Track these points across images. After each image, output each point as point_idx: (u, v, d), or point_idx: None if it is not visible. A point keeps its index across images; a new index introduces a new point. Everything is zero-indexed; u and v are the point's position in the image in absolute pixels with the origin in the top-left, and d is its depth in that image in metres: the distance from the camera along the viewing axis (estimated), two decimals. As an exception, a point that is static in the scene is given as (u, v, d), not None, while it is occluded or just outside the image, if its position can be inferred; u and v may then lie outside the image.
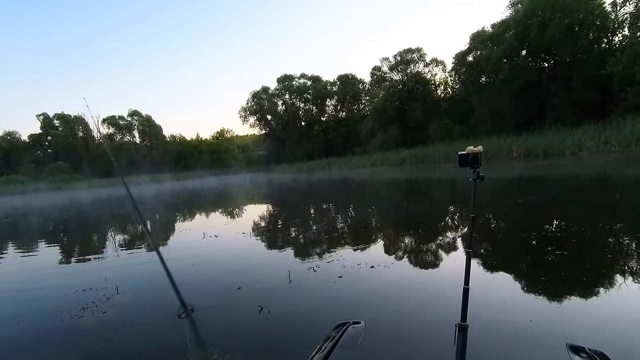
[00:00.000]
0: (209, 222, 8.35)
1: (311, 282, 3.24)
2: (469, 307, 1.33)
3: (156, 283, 3.65)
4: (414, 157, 30.10)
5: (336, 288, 3.04)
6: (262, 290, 3.13)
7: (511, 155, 22.85)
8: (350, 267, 3.52)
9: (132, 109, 62.26)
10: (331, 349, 1.22)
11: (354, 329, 1.37)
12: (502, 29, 29.85)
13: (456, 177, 15.16)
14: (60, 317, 2.92)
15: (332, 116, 54.57)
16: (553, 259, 3.39)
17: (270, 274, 3.62)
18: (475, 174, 1.37)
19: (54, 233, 9.18)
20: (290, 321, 2.53)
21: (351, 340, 1.29)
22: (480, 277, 3.12)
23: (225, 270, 4.03)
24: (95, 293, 3.46)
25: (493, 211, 6.39)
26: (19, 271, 5.03)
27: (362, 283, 3.15)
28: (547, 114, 27.59)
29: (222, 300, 3.08)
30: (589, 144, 19.24)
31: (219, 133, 74.00)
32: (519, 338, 2.09)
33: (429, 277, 3.31)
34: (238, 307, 2.85)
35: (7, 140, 57.88)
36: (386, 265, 3.55)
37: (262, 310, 2.69)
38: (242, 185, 24.24)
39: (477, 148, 1.38)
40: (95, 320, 2.79)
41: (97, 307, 3.08)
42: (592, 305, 2.46)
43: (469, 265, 1.34)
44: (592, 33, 26.23)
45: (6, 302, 3.68)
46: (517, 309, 2.45)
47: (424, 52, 40.72)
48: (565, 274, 3.08)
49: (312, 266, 3.67)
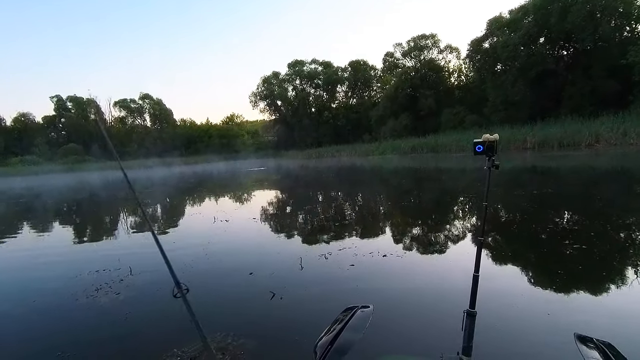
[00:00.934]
0: (219, 206, 8.39)
1: (323, 270, 3.22)
2: (479, 294, 1.35)
3: (173, 262, 3.68)
4: (425, 146, 29.75)
5: (349, 276, 3.01)
6: (274, 277, 3.13)
7: (525, 145, 22.40)
8: (363, 256, 3.50)
9: (144, 93, 62.51)
10: (340, 330, 1.24)
11: (363, 313, 1.38)
12: (520, 14, 28.92)
13: (466, 167, 14.96)
14: (75, 297, 2.96)
15: (342, 102, 54.06)
16: (564, 251, 3.32)
17: (281, 261, 3.61)
18: (490, 162, 1.35)
19: (68, 213, 9.35)
20: (302, 308, 2.53)
21: (360, 323, 1.31)
22: (490, 265, 3.08)
23: (237, 255, 4.04)
24: (109, 274, 3.50)
25: (506, 201, 6.28)
26: (34, 250, 5.13)
27: (375, 272, 3.13)
28: (563, 103, 26.88)
29: (234, 284, 3.09)
30: (607, 136, 18.73)
31: (228, 118, 73.94)
32: (526, 326, 2.09)
33: (441, 265, 3.28)
34: (250, 292, 2.86)
35: (21, 122, 58.69)
36: (399, 254, 3.51)
37: (274, 296, 2.69)
38: (252, 171, 24.31)
39: (493, 136, 1.36)
40: (109, 302, 2.82)
41: (110, 288, 3.11)
42: (603, 297, 2.44)
43: (480, 253, 1.35)
44: (615, 20, 25.21)
45: (22, 280, 3.75)
46: (526, 298, 2.44)
47: (438, 39, 39.76)
48: (575, 265, 3.04)
49: (324, 253, 3.65)
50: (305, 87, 54.05)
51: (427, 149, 29.37)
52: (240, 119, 75.42)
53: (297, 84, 54.42)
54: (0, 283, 3.78)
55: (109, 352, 2.14)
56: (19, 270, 4.17)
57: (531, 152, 20.90)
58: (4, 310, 2.88)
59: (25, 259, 4.69)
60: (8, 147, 52.57)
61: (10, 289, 3.54)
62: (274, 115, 59.65)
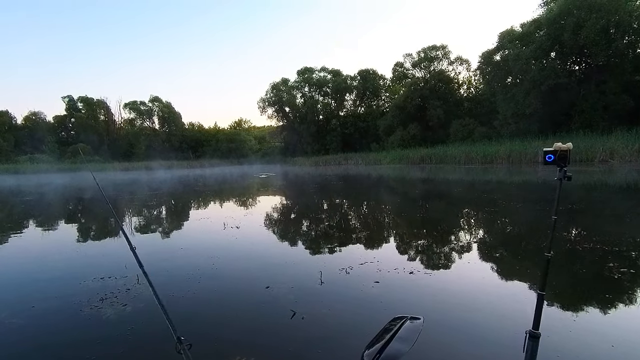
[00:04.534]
0: (228, 211, 8.19)
1: (346, 286, 2.98)
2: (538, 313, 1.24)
3: (177, 275, 3.47)
4: (433, 156, 29.51)
5: (375, 294, 2.77)
6: (292, 292, 2.89)
7: (537, 159, 22.06)
8: (387, 271, 3.25)
9: (153, 95, 63.03)
10: (388, 340, 1.21)
11: (412, 324, 1.33)
12: (533, 28, 28.79)
13: (476, 179, 14.68)
14: (79, 307, 2.74)
15: (350, 111, 54.06)
16: (622, 275, 3.04)
17: (299, 274, 3.38)
18: (562, 173, 1.28)
19: (74, 214, 9.20)
20: (327, 330, 2.28)
21: (409, 335, 1.26)
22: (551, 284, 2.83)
23: (250, 264, 3.81)
24: (114, 282, 3.29)
25: (541, 217, 6.02)
26: (38, 252, 4.95)
27: (404, 290, 2.88)
28: (575, 118, 26.57)
29: (250, 299, 2.85)
30: (622, 152, 18.37)
31: (236, 123, 74.36)
32: (590, 356, 1.89)
33: (480, 283, 3.02)
34: (269, 309, 2.61)
35: (32, 120, 59.32)
36: (427, 271, 3.26)
37: (295, 315, 2.46)
38: (261, 176, 24.16)
39: (566, 145, 1.28)
40: (114, 314, 2.60)
41: (117, 298, 2.89)
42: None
43: (547, 270, 1.27)
44: (628, 36, 24.98)
45: (24, 284, 3.54)
46: (593, 326, 2.22)
47: (448, 50, 39.74)
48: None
49: (344, 267, 3.41)
50: (314, 94, 54.15)
51: (436, 160, 29.12)
52: (248, 124, 75.86)
53: (305, 91, 54.56)
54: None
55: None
56: (20, 272, 3.97)
57: (542, 166, 20.53)
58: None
59: (27, 260, 4.51)
60: (18, 144, 53.04)
61: (7, 293, 3.33)
62: (282, 121, 59.78)
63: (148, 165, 46.52)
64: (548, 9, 28.69)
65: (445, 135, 34.89)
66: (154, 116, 64.16)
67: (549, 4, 28.92)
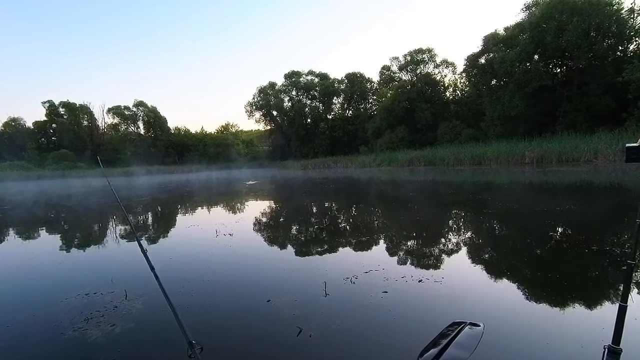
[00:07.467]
0: (219, 218, 7.92)
1: (352, 297, 2.78)
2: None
3: (166, 287, 3.21)
4: (422, 158, 29.67)
5: (384, 305, 2.58)
6: (296, 305, 2.67)
7: (524, 160, 22.36)
8: (395, 280, 3.07)
9: (138, 100, 61.96)
10: (446, 345, 1.17)
11: (472, 330, 1.28)
12: (516, 31, 29.34)
13: (465, 180, 14.71)
14: (60, 330, 2.47)
15: (338, 114, 54.22)
16: None
17: (300, 284, 3.17)
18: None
19: (56, 223, 8.77)
20: (338, 349, 2.09)
21: (468, 341, 1.20)
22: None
23: (247, 276, 3.58)
24: (100, 298, 3.02)
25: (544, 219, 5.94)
26: (16, 264, 4.60)
27: (415, 300, 2.71)
28: (559, 119, 27.12)
29: (250, 314, 2.62)
30: (606, 152, 18.75)
31: (223, 127, 73.73)
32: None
33: (497, 293, 2.87)
34: (271, 326, 2.39)
35: (12, 126, 57.57)
36: (436, 279, 3.09)
37: (302, 332, 2.25)
38: (251, 180, 23.80)
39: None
40: (102, 336, 2.34)
41: (103, 317, 2.63)
42: None
43: (630, 279, 1.20)
44: (608, 40, 25.66)
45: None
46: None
47: (434, 53, 40.24)
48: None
49: (349, 276, 3.21)
50: (302, 98, 54.14)
51: (424, 162, 29.29)
52: (235, 128, 75.30)
53: (293, 94, 54.51)
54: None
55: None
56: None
57: (530, 167, 20.79)
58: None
59: (3, 272, 4.17)
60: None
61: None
62: (270, 125, 59.58)
63: (131, 171, 45.53)
64: (530, 13, 29.30)
65: (433, 138, 35.24)
66: (139, 121, 63.08)
67: (531, 8, 29.53)
